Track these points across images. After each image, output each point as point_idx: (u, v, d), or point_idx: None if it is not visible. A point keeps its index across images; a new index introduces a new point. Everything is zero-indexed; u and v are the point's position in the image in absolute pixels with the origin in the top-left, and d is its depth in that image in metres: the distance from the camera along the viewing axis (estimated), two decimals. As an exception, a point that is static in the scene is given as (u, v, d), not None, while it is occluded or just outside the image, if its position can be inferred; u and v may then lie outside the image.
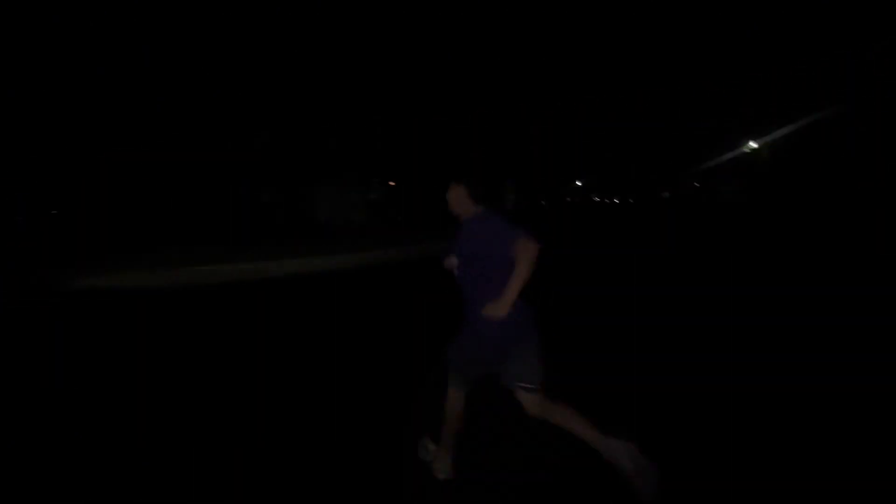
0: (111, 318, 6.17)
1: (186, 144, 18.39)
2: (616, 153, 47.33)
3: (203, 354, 4.56)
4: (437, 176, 17.58)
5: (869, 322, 4.58)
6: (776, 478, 2.27)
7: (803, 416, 2.85)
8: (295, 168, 19.47)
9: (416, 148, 18.95)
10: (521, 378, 2.05)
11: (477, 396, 2.37)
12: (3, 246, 13.98)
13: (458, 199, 2.15)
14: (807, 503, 2.08)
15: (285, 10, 17.17)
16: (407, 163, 19.55)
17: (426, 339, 4.43)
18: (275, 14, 17.31)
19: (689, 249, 10.64)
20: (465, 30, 16.34)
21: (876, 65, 11.93)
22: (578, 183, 59.45)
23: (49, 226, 17.65)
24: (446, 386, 2.25)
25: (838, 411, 2.87)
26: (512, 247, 1.87)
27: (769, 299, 5.71)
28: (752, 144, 22.78)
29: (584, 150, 43.06)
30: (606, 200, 63.85)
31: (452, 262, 2.20)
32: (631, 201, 55.91)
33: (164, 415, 3.28)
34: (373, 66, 17.54)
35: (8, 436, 3.16)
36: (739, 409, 2.94)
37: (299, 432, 2.93)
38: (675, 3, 13.71)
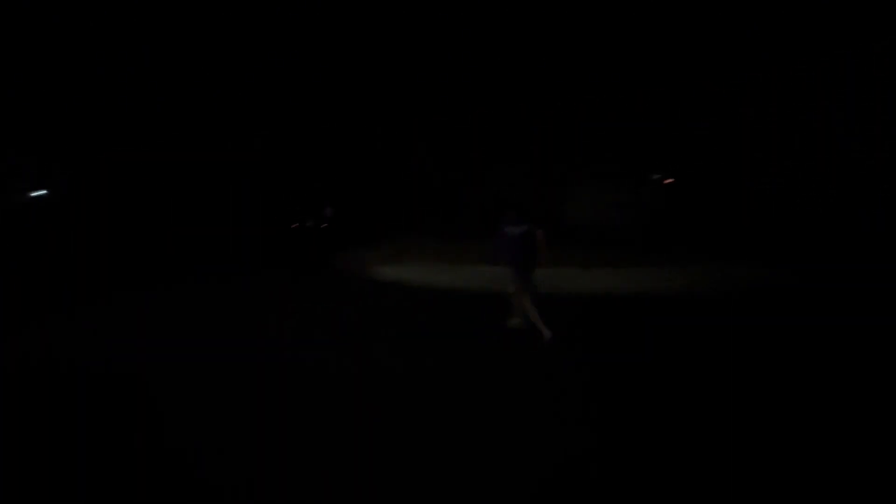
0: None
1: (187, 144, 18.40)
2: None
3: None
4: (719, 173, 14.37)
5: None
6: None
7: None
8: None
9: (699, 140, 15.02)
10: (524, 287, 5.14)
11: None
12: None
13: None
14: None
15: (285, 10, 17.16)
16: (690, 156, 15.69)
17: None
18: (275, 14, 17.30)
19: None
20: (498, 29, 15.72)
21: (876, 65, 11.90)
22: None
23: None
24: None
25: None
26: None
27: None
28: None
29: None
30: None
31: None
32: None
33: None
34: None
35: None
36: None
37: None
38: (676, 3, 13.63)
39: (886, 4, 11.40)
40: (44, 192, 16.61)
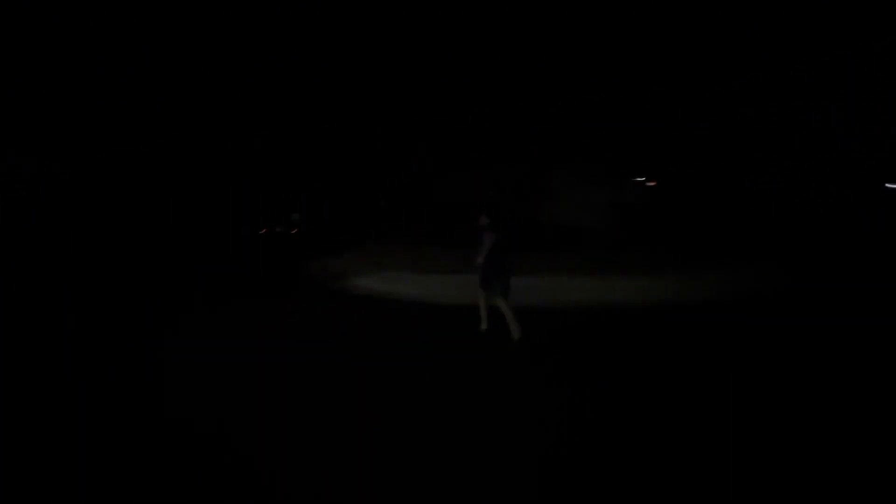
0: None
1: (187, 144, 18.40)
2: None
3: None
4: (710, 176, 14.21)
5: None
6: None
7: None
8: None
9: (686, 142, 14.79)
10: (497, 291, 5.32)
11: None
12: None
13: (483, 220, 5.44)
14: None
15: (285, 10, 17.14)
16: (689, 156, 15.31)
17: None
18: (275, 14, 17.28)
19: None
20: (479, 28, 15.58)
21: (876, 65, 11.89)
22: None
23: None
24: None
25: None
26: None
27: None
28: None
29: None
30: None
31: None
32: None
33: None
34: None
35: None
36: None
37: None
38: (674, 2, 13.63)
39: (886, 4, 11.39)
40: None
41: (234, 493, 2.55)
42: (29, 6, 15.57)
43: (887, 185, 12.68)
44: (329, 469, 2.74)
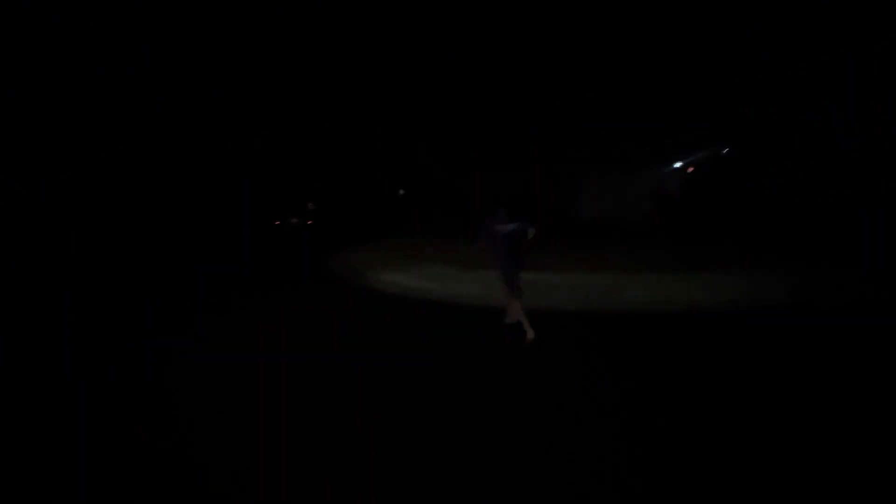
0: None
1: (187, 144, 18.42)
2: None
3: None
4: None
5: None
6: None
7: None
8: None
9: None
10: (512, 288, 5.10)
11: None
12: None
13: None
14: None
15: (285, 10, 17.13)
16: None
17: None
18: (275, 14, 17.27)
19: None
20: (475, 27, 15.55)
21: (876, 65, 11.88)
22: None
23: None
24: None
25: None
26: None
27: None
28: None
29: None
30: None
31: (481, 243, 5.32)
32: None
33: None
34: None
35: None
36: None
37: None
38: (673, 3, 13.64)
39: (886, 4, 11.39)
40: None
41: (234, 494, 2.55)
42: (29, 6, 15.57)
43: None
44: (331, 469, 2.74)
